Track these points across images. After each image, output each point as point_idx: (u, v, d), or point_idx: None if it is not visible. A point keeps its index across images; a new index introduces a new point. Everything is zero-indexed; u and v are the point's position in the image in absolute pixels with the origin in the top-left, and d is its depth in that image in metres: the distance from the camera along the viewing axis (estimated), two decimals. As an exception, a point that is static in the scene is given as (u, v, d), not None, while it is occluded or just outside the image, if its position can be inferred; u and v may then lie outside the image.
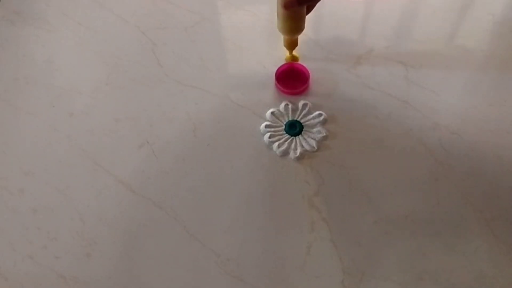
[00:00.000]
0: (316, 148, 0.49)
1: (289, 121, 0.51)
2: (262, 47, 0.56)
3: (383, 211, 0.46)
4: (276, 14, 0.47)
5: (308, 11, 0.47)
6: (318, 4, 0.46)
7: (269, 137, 0.50)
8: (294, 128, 0.50)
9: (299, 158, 0.49)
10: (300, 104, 0.52)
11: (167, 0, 0.60)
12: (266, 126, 0.51)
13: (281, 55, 0.54)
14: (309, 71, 0.53)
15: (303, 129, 0.51)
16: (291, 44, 0.50)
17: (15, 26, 0.60)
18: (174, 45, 0.57)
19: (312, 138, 0.50)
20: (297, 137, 0.50)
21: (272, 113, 0.51)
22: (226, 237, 0.46)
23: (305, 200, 0.47)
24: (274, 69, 0.53)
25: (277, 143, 0.50)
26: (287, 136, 0.50)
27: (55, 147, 0.51)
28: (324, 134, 0.50)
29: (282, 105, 0.52)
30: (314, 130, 0.50)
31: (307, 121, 0.51)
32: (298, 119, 0.51)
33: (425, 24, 0.56)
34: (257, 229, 0.46)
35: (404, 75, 0.53)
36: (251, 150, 0.50)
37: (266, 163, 0.49)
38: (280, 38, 0.57)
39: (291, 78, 0.54)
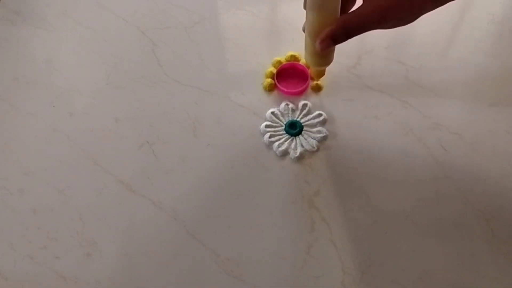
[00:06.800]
0: (316, 148, 0.49)
1: (289, 121, 0.51)
2: (262, 47, 0.56)
3: (383, 211, 0.46)
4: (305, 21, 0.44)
5: None
6: None
7: (269, 137, 0.50)
8: (294, 128, 0.50)
9: (299, 158, 0.49)
10: (300, 104, 0.52)
11: (167, 0, 0.60)
12: (266, 126, 0.51)
13: (281, 55, 0.54)
14: (309, 71, 0.53)
15: (303, 129, 0.51)
16: (320, 75, 0.48)
17: (15, 26, 0.60)
18: (174, 45, 0.57)
19: (312, 138, 0.50)
20: (297, 137, 0.50)
21: (272, 113, 0.51)
22: (226, 237, 0.46)
23: (305, 200, 0.47)
24: (274, 69, 0.53)
25: (277, 143, 0.50)
26: (287, 136, 0.50)
27: (55, 147, 0.51)
28: (324, 134, 0.50)
29: (282, 105, 0.52)
30: (314, 130, 0.50)
31: (307, 121, 0.51)
32: (298, 119, 0.51)
33: (425, 24, 0.56)
34: (257, 229, 0.46)
35: (404, 75, 0.53)
36: (251, 150, 0.50)
37: (266, 163, 0.49)
38: (280, 38, 0.57)
39: (291, 78, 0.54)
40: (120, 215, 0.47)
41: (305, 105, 0.52)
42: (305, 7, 0.41)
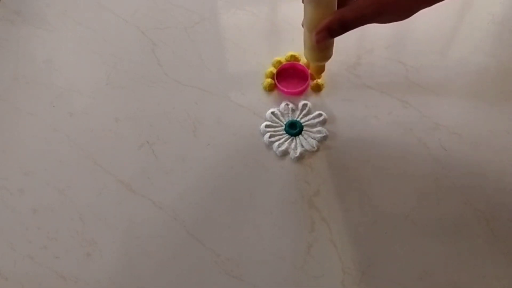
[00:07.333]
0: (316, 148, 0.49)
1: (289, 121, 0.51)
2: (262, 47, 0.56)
3: (383, 211, 0.46)
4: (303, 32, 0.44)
5: None
6: None
7: (269, 137, 0.50)
8: (294, 128, 0.50)
9: (299, 158, 0.49)
10: (300, 104, 0.52)
11: (167, 0, 0.60)
12: (266, 126, 0.50)
13: (281, 55, 0.54)
14: (309, 70, 0.53)
15: (303, 129, 0.51)
16: (319, 71, 0.48)
17: (15, 26, 0.60)
18: (174, 45, 0.57)
19: (312, 138, 0.50)
20: (297, 137, 0.50)
21: (272, 113, 0.51)
22: (226, 237, 0.46)
23: (305, 200, 0.47)
24: (274, 69, 0.53)
25: (277, 143, 0.50)
26: (287, 136, 0.50)
27: (55, 147, 0.51)
28: (324, 134, 0.50)
29: (282, 105, 0.52)
30: (314, 130, 0.50)
31: (307, 121, 0.51)
32: (298, 119, 0.51)
33: (425, 24, 0.56)
34: (257, 229, 0.46)
35: (404, 75, 0.53)
36: (251, 150, 0.50)
37: (266, 163, 0.49)
38: (280, 38, 0.57)
39: (291, 78, 0.54)
40: (120, 215, 0.47)
41: (305, 105, 0.52)
42: (303, 1, 0.41)
